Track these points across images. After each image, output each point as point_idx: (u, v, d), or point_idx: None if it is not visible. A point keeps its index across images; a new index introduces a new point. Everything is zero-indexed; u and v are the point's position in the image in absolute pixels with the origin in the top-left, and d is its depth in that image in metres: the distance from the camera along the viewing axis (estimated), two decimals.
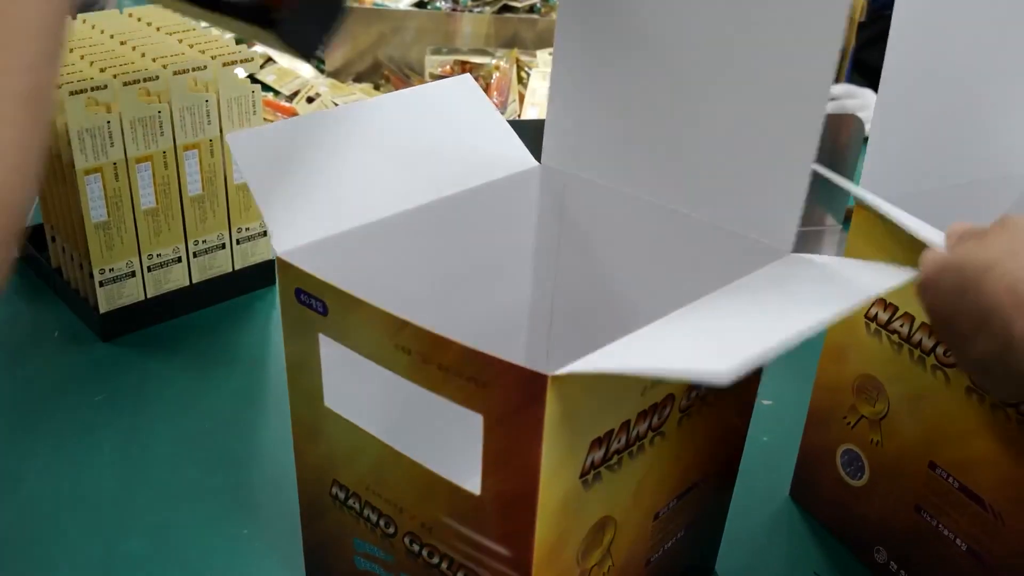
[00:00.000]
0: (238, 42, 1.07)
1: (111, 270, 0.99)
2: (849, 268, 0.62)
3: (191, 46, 1.02)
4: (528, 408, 0.51)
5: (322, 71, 1.56)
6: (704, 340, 0.53)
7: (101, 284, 0.98)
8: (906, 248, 0.61)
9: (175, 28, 1.07)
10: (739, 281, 0.61)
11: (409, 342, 0.55)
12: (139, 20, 1.10)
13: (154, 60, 0.98)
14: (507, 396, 0.52)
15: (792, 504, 0.86)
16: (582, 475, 0.56)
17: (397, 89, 1.39)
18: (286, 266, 0.62)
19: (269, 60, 1.54)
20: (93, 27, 1.07)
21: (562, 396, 0.51)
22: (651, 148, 0.72)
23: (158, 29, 1.07)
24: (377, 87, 1.52)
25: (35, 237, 1.10)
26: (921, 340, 0.69)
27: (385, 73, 1.53)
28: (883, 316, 0.72)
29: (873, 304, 0.73)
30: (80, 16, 1.10)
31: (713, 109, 0.68)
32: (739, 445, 0.72)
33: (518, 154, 0.79)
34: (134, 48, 1.01)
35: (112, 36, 1.05)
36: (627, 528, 0.62)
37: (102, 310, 1.00)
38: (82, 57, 0.98)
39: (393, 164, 0.73)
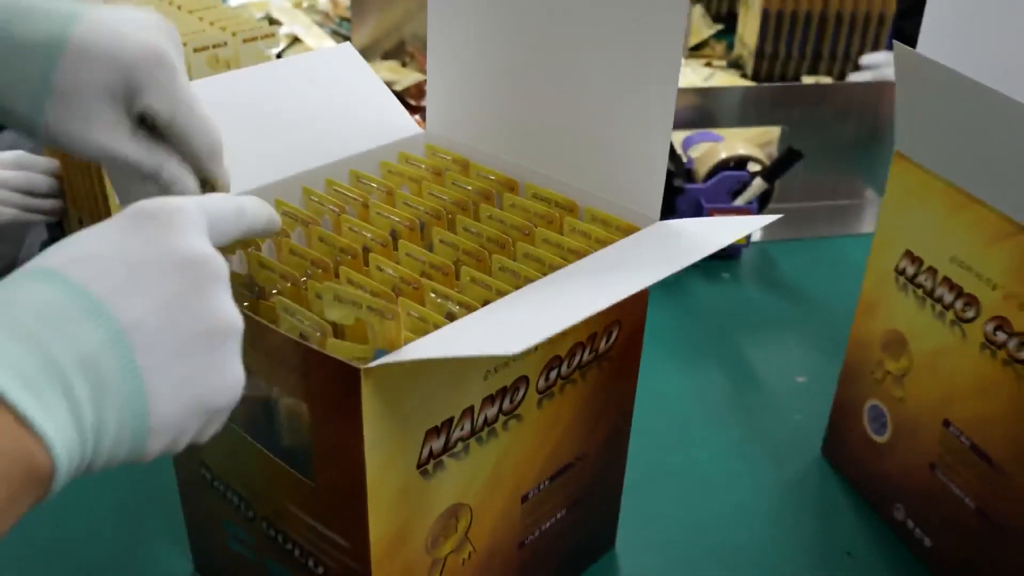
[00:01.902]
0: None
1: None
2: (700, 228, 0.60)
3: (211, 23, 1.00)
4: (346, 400, 0.50)
5: None
6: (514, 320, 0.51)
7: None
8: (943, 194, 0.66)
9: (195, 6, 1.04)
10: (595, 254, 0.59)
11: None
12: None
13: None
14: (326, 388, 0.51)
15: (823, 462, 0.86)
16: (419, 465, 0.54)
17: (422, 67, 1.36)
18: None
19: (296, 40, 1.49)
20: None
21: (380, 388, 0.49)
22: (524, 116, 0.69)
23: (179, 7, 1.04)
24: (404, 64, 1.48)
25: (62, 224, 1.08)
26: (943, 295, 0.69)
27: (410, 51, 1.49)
28: (910, 270, 0.72)
29: (901, 258, 0.73)
30: None
31: (578, 76, 0.65)
32: (625, 420, 0.70)
33: (402, 121, 0.76)
34: None
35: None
36: (486, 514, 0.60)
37: None
38: None
39: (275, 132, 0.71)
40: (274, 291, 0.59)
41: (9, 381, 0.36)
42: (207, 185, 0.57)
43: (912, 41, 0.70)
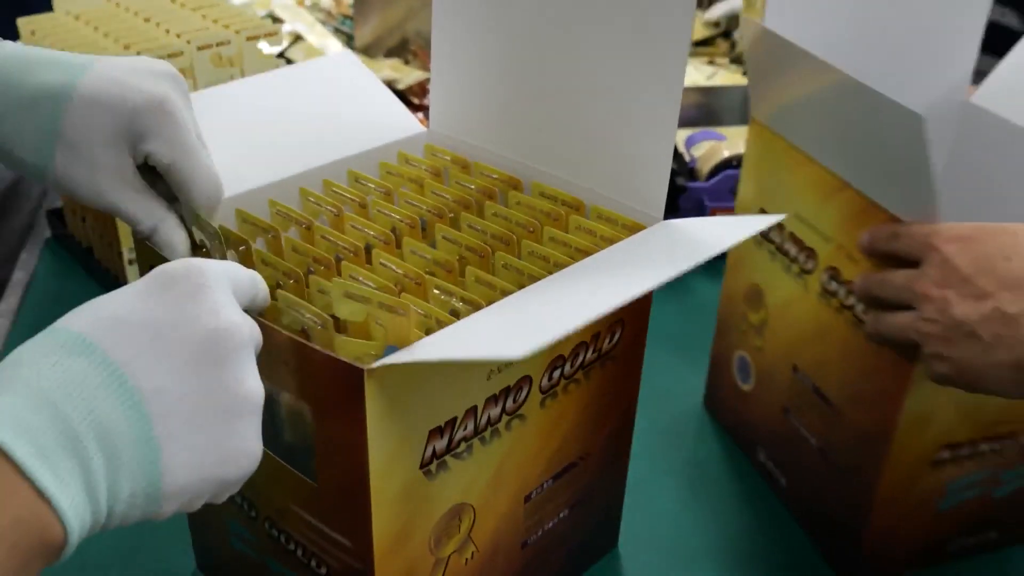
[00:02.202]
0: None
1: None
2: (706, 228, 0.59)
3: (215, 21, 0.99)
4: (349, 401, 0.49)
5: (352, 48, 1.51)
6: (518, 321, 0.51)
7: (131, 263, 0.96)
8: (787, 156, 0.72)
9: (198, 4, 1.04)
10: (599, 254, 0.58)
11: None
12: None
13: (178, 35, 0.96)
14: (329, 389, 0.50)
15: (704, 412, 0.91)
16: (423, 465, 0.54)
17: (425, 65, 1.35)
18: (141, 245, 0.59)
19: (298, 38, 1.49)
20: (118, 4, 1.04)
21: (384, 388, 0.49)
22: (528, 114, 0.69)
23: (182, 5, 1.04)
24: (406, 62, 1.47)
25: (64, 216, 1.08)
26: (789, 249, 0.74)
27: (413, 49, 1.48)
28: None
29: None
30: None
31: (583, 75, 0.64)
32: (628, 420, 0.69)
33: (404, 121, 0.75)
34: (158, 24, 0.99)
35: (136, 13, 1.02)
36: (489, 513, 0.60)
37: None
38: (106, 35, 0.96)
39: (272, 132, 0.70)
40: (276, 286, 0.59)
41: (29, 453, 0.38)
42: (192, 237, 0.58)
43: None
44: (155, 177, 0.57)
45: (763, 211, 0.77)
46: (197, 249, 0.59)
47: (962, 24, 0.83)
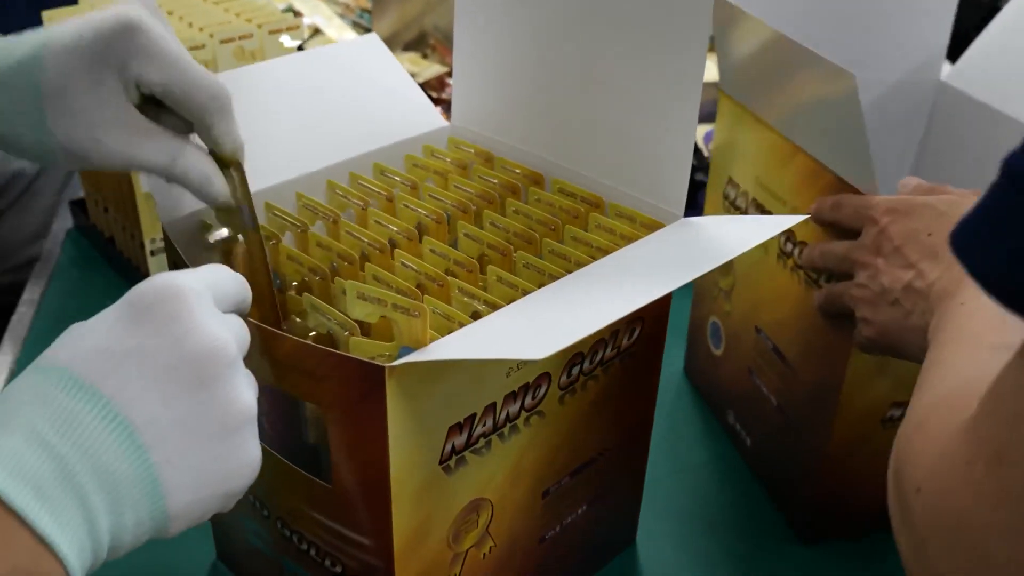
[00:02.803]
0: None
1: (163, 239, 0.97)
2: (726, 228, 0.60)
3: (237, 14, 1.00)
4: (369, 400, 0.50)
5: None
6: (538, 321, 0.51)
7: (152, 253, 0.97)
8: (751, 125, 0.75)
9: None
10: (618, 252, 0.59)
11: None
12: None
13: (200, 29, 0.96)
14: (345, 390, 0.50)
15: (683, 379, 0.93)
16: (442, 461, 0.54)
17: (443, 59, 1.35)
18: (168, 239, 0.60)
19: (317, 32, 1.49)
20: None
21: (404, 386, 0.49)
22: (549, 110, 0.69)
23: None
24: (424, 56, 1.48)
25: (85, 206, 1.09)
26: (752, 214, 0.77)
27: (432, 43, 1.48)
28: (732, 193, 0.80)
29: (727, 184, 0.81)
30: None
31: (603, 71, 0.65)
32: (646, 416, 0.70)
33: (427, 114, 0.76)
34: (181, 18, 0.99)
35: (158, 6, 1.02)
36: (508, 508, 0.61)
37: None
38: None
39: (299, 126, 0.71)
40: (294, 283, 0.59)
41: (26, 497, 0.37)
42: (222, 160, 0.56)
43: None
44: (159, 112, 0.54)
45: (731, 179, 0.80)
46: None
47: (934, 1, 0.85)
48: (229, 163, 0.56)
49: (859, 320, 0.62)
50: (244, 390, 0.44)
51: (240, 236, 0.57)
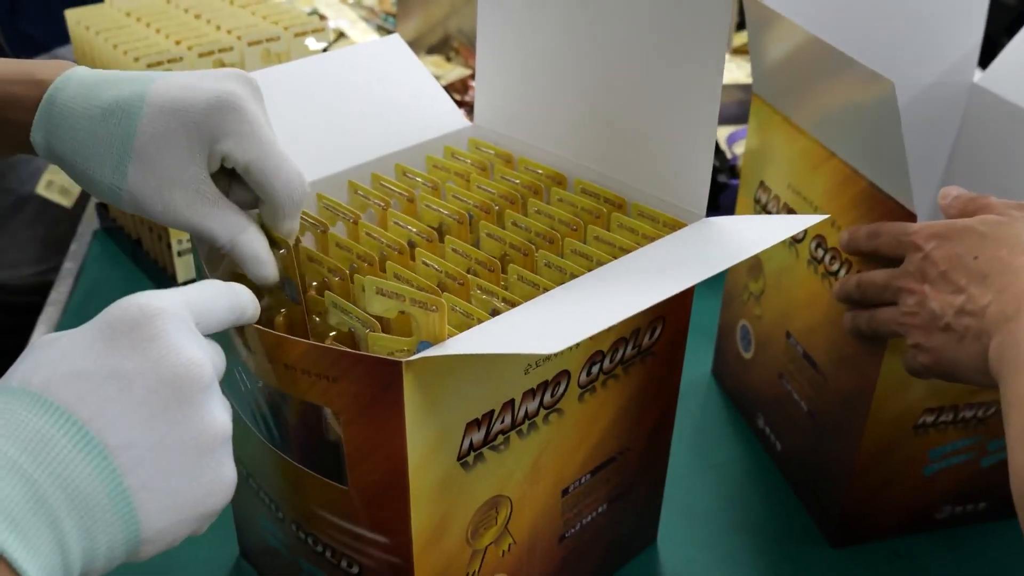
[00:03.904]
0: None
1: (189, 240, 0.98)
2: (747, 227, 0.60)
3: (264, 17, 1.01)
4: (386, 397, 0.50)
5: None
6: (555, 317, 0.51)
7: (179, 254, 0.98)
8: (783, 129, 0.75)
9: (247, 1, 1.06)
10: (639, 250, 0.59)
11: (250, 341, 0.53)
12: None
13: (228, 32, 0.97)
14: (361, 388, 0.50)
15: (712, 381, 0.93)
16: (460, 457, 0.54)
17: (467, 62, 1.36)
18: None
19: (341, 35, 1.50)
20: (168, 1, 1.06)
21: (421, 381, 0.50)
22: (571, 111, 0.69)
23: (231, 2, 1.06)
24: (448, 59, 1.48)
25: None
26: None
27: (455, 46, 1.49)
28: (763, 198, 0.80)
29: (758, 188, 0.81)
30: None
31: (624, 72, 0.65)
32: (667, 415, 0.70)
33: (450, 114, 0.76)
34: (208, 21, 1.00)
35: (186, 9, 1.04)
36: (527, 506, 0.61)
37: (180, 280, 0.99)
38: (158, 31, 0.98)
39: (322, 127, 0.71)
40: (314, 283, 0.60)
41: None
42: (274, 239, 0.57)
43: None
44: (231, 183, 0.56)
45: (763, 183, 0.80)
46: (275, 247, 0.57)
47: (966, 3, 0.85)
48: (281, 244, 0.57)
49: (912, 347, 0.63)
50: (220, 412, 0.44)
51: (283, 309, 0.58)
